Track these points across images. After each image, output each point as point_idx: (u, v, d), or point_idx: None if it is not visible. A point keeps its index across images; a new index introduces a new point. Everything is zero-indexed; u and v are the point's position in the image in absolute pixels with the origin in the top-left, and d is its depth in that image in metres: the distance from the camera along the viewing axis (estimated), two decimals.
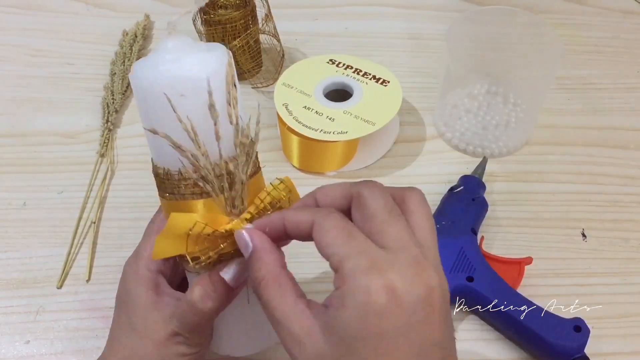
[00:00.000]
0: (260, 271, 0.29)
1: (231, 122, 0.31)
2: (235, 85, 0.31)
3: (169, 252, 0.32)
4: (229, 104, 0.30)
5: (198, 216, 0.31)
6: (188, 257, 0.31)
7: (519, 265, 0.47)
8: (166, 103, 0.29)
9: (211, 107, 0.30)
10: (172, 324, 0.34)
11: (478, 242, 0.48)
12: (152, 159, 0.33)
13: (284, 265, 0.30)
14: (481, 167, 0.53)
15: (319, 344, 0.26)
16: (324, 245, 0.28)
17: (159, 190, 0.33)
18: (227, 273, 0.32)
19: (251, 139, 0.31)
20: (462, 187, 0.51)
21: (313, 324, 0.27)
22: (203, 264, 0.31)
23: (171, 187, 0.32)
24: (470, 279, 0.45)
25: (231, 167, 0.31)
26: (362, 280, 0.26)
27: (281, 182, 0.33)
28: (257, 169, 0.34)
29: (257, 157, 0.34)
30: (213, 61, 0.30)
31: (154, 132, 0.30)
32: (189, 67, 0.30)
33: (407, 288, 0.26)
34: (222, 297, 0.32)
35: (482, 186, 0.52)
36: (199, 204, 0.32)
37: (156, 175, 0.33)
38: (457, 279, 0.44)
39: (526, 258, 0.47)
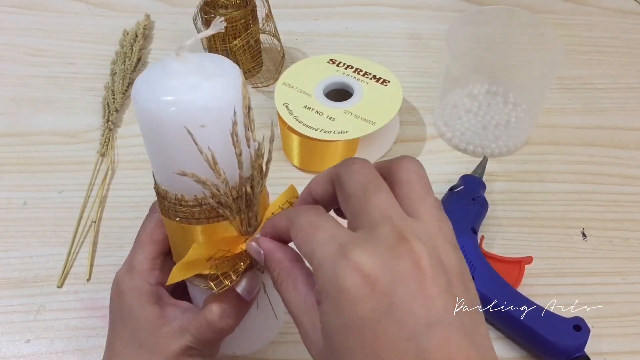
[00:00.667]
0: (274, 271, 0.28)
1: (248, 146, 0.30)
2: (250, 107, 0.29)
3: (186, 276, 0.31)
4: (247, 128, 0.29)
5: (219, 242, 0.30)
6: (212, 284, 0.30)
7: (519, 264, 0.47)
8: (184, 135, 0.27)
9: (234, 135, 0.28)
10: (185, 339, 0.33)
11: (478, 241, 0.48)
12: (155, 180, 0.32)
13: (296, 259, 0.28)
14: (481, 166, 0.53)
15: (320, 340, 0.25)
16: (298, 246, 0.26)
17: (163, 211, 0.32)
18: (241, 287, 0.32)
19: (267, 159, 0.31)
20: (462, 187, 0.51)
21: (317, 321, 0.25)
22: (224, 286, 0.31)
23: (183, 212, 0.31)
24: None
25: (248, 188, 0.30)
26: (329, 269, 0.23)
27: (290, 204, 0.32)
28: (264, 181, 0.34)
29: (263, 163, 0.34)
30: (230, 86, 0.29)
31: (183, 174, 0.28)
32: (208, 96, 0.28)
33: (380, 265, 0.23)
34: (241, 312, 0.32)
35: (483, 186, 0.52)
36: (215, 227, 0.31)
37: (164, 198, 0.31)
38: None
39: (526, 257, 0.47)
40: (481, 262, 0.46)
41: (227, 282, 0.31)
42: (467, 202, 0.49)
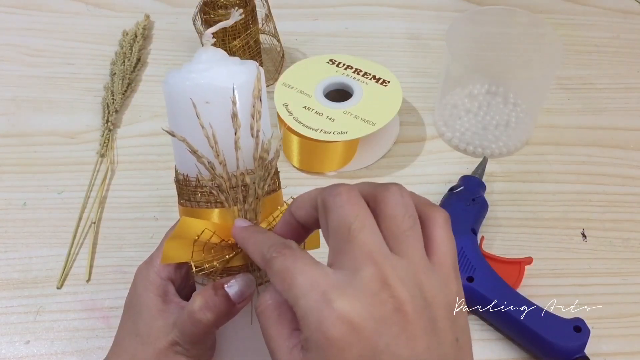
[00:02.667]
0: (262, 297, 0.27)
1: (252, 135, 0.30)
2: (260, 100, 0.31)
3: (177, 258, 0.31)
4: (252, 117, 0.30)
5: (208, 223, 0.31)
6: (192, 264, 0.31)
7: (519, 265, 0.47)
8: (191, 109, 0.29)
9: (234, 116, 0.30)
10: (173, 333, 0.33)
11: (478, 242, 0.48)
12: (175, 165, 0.33)
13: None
14: (481, 167, 0.53)
15: None
16: (280, 292, 0.26)
17: (177, 197, 0.33)
18: (231, 287, 0.31)
19: (272, 157, 0.31)
20: (462, 187, 0.51)
21: None
22: (206, 272, 0.31)
23: (188, 193, 0.32)
24: (470, 279, 0.45)
25: (248, 179, 0.31)
26: (315, 319, 0.23)
27: None
28: (275, 188, 0.33)
29: (278, 177, 0.34)
30: (242, 73, 0.31)
31: (172, 134, 0.30)
32: (217, 76, 0.30)
33: (364, 312, 0.23)
34: (222, 310, 0.32)
35: (482, 186, 0.52)
36: (213, 212, 0.31)
37: (176, 181, 0.33)
38: None
39: (526, 258, 0.47)
40: (481, 263, 0.46)
41: (207, 267, 0.30)
42: (467, 202, 0.49)
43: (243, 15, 0.54)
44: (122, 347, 0.35)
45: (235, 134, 0.30)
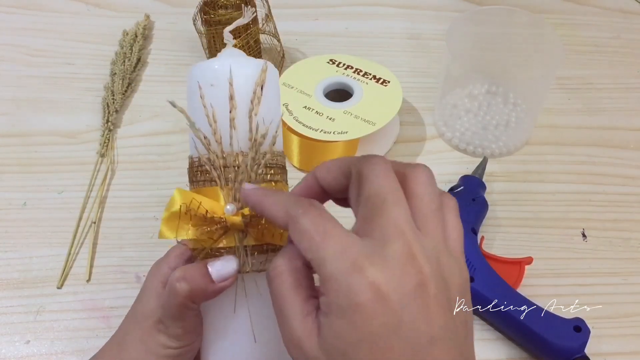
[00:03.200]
0: (276, 262, 0.28)
1: (249, 117, 0.32)
2: (262, 88, 0.32)
3: (169, 230, 0.32)
4: (252, 102, 0.32)
5: (197, 195, 0.32)
6: (177, 238, 0.32)
7: (519, 265, 0.47)
8: (197, 90, 0.32)
9: (231, 97, 0.32)
10: (158, 312, 0.34)
11: (478, 242, 0.48)
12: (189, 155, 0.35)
13: (305, 261, 0.28)
14: (481, 167, 0.53)
15: (315, 349, 0.25)
16: (302, 250, 0.26)
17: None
18: (213, 265, 0.31)
19: (261, 136, 0.32)
20: (462, 187, 0.51)
21: (314, 328, 0.25)
22: (198, 252, 0.32)
23: (192, 175, 0.34)
24: (470, 279, 0.45)
25: (240, 159, 0.32)
26: (343, 283, 0.24)
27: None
28: (277, 179, 0.34)
29: (284, 172, 0.34)
30: (250, 66, 0.33)
31: (173, 104, 0.32)
32: (224, 63, 0.32)
33: (392, 283, 0.24)
34: (199, 284, 0.31)
35: (482, 186, 0.52)
36: (208, 190, 0.32)
37: (188, 170, 0.34)
38: None
39: (526, 258, 0.47)
40: (481, 263, 0.46)
41: (184, 233, 0.31)
42: (467, 202, 0.49)
43: (255, 14, 0.56)
44: (120, 327, 0.36)
45: (231, 112, 0.32)
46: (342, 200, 0.30)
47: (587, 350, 0.42)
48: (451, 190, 0.51)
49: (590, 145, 0.58)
